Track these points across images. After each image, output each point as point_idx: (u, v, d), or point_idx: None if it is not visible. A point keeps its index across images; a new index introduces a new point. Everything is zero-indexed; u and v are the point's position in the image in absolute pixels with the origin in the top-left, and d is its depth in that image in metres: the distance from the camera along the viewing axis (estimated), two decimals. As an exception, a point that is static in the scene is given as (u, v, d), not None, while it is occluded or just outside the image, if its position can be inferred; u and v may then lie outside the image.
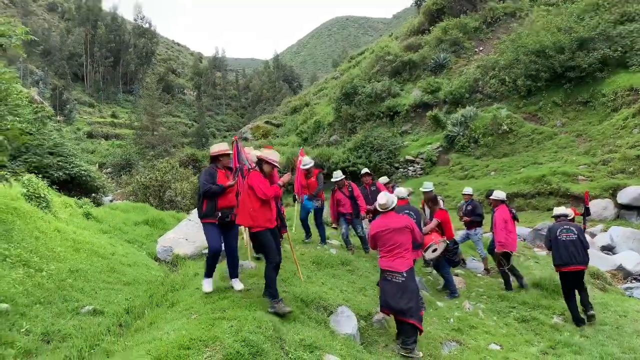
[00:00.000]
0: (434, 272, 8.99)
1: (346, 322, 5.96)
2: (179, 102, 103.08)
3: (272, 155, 5.79)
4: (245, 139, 40.74)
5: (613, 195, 18.14)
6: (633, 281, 13.13)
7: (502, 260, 8.49)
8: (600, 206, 17.98)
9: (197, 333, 4.41)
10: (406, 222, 6.06)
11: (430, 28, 36.90)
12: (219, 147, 6.04)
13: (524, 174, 21.49)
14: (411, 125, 31.10)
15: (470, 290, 8.61)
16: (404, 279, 5.81)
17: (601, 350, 6.45)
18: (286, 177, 5.95)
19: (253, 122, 54.63)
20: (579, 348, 6.58)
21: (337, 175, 9.44)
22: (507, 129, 24.84)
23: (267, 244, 5.58)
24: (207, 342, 4.25)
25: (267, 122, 47.38)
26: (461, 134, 26.21)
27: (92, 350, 5.44)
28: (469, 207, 10.38)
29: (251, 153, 6.88)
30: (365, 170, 10.56)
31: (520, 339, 6.91)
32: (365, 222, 9.90)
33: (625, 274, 13.30)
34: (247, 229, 6.57)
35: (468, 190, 10.81)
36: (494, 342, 6.60)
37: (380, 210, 6.24)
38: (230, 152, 6.12)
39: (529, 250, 12.99)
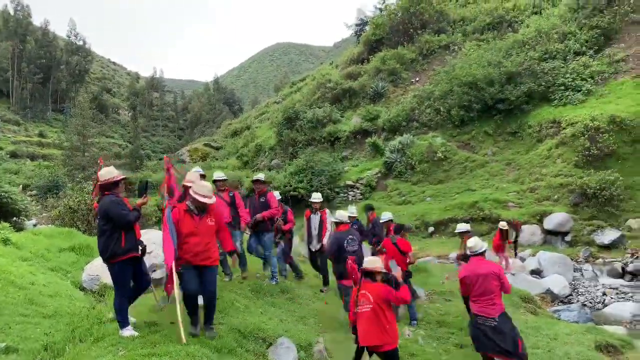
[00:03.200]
0: None
1: (285, 354, 5.74)
2: (113, 123, 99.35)
3: (201, 189, 5.37)
4: (183, 162, 39.70)
5: (540, 221, 19.12)
6: (560, 304, 13.76)
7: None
8: (528, 232, 18.87)
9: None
10: (493, 269, 5.92)
11: (370, 57, 38.05)
12: (112, 172, 5.34)
13: (458, 200, 22.26)
14: (351, 151, 31.57)
15: (409, 317, 8.61)
16: (496, 322, 5.71)
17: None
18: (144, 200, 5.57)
19: (191, 144, 53.50)
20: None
21: (216, 176, 8.33)
22: (442, 157, 25.75)
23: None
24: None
25: (206, 145, 46.55)
26: (399, 160, 26.88)
27: (2, 394, 4.87)
28: (355, 226, 9.84)
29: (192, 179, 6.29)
30: (258, 176, 9.09)
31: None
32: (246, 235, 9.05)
33: (552, 297, 13.91)
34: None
35: (387, 215, 10.54)
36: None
37: (470, 254, 6.14)
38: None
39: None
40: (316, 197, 9.41)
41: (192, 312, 5.39)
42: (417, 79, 34.53)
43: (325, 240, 8.99)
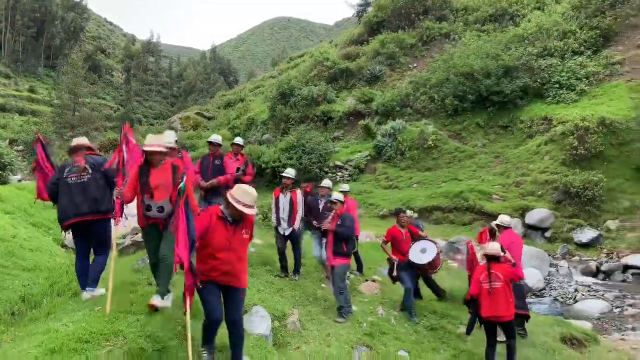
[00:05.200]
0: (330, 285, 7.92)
1: (260, 322, 5.87)
2: (106, 84, 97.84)
3: (243, 196, 4.34)
4: (174, 129, 39.41)
5: (522, 216, 19.43)
6: (532, 297, 14.11)
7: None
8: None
9: (98, 326, 4.14)
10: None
11: (369, 39, 37.76)
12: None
13: (444, 189, 22.48)
14: (343, 132, 31.57)
15: (385, 296, 8.82)
16: None
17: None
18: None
19: (184, 112, 53.00)
20: (480, 358, 6.93)
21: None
22: (432, 145, 25.87)
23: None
24: (108, 335, 4.01)
25: (198, 114, 46.16)
26: (389, 145, 26.96)
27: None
28: (329, 205, 8.89)
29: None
30: (213, 138, 8.30)
31: (427, 346, 7.15)
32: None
33: (526, 290, 14.23)
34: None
35: (327, 183, 9.54)
36: (403, 349, 6.78)
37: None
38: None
39: (444, 261, 13.53)
40: (289, 172, 8.38)
41: (209, 340, 4.52)
42: (415, 65, 34.42)
43: (297, 225, 8.15)
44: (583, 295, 14.37)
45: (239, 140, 8.94)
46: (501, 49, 27.70)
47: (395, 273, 8.19)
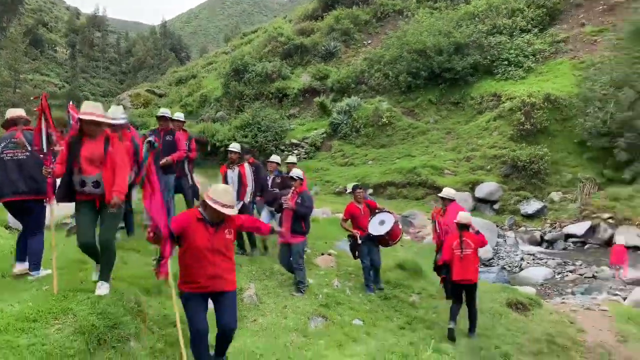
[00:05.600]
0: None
1: (215, 297, 5.87)
2: (49, 60, 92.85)
3: (222, 195, 4.10)
4: (124, 107, 38.08)
5: (472, 190, 20.09)
6: (481, 266, 14.72)
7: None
8: (461, 198, 19.67)
9: (46, 305, 4.03)
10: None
11: (324, 15, 37.43)
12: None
13: (398, 165, 22.89)
14: (299, 109, 31.43)
15: (340, 269, 8.98)
16: None
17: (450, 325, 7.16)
18: None
19: (133, 89, 51.10)
20: (431, 323, 7.23)
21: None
22: (387, 122, 26.18)
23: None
24: (57, 314, 3.91)
25: (148, 91, 44.62)
26: (345, 122, 27.09)
27: None
28: (278, 180, 8.92)
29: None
30: (163, 111, 8.04)
31: (381, 315, 7.37)
32: None
33: (476, 260, 14.83)
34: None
35: (275, 158, 9.44)
36: (358, 318, 6.96)
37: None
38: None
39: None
40: (234, 146, 8.19)
41: (203, 356, 4.20)
42: (370, 41, 34.49)
43: (247, 198, 7.98)
44: (528, 263, 15.13)
45: (179, 115, 8.57)
46: (453, 27, 28.12)
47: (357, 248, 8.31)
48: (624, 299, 10.88)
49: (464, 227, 6.94)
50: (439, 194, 8.30)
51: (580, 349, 7.03)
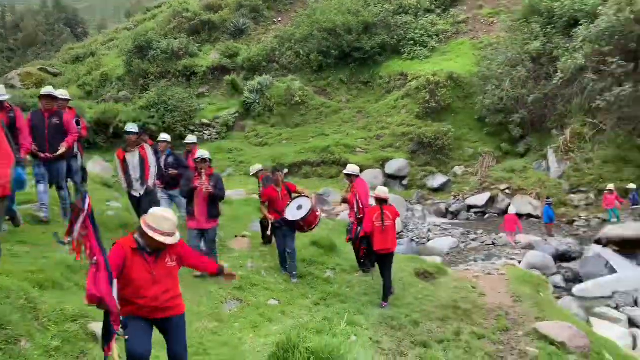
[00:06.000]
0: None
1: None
2: None
3: (160, 222, 3.61)
4: (12, 87, 34.66)
5: (382, 166, 20.78)
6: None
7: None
8: (372, 175, 20.35)
9: None
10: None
11: (232, -10, 36.27)
12: None
13: (312, 144, 23.06)
14: (208, 87, 30.41)
15: (255, 250, 8.88)
16: None
17: (363, 299, 7.37)
18: None
19: (24, 67, 46.61)
20: (345, 298, 7.38)
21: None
22: (300, 101, 26.16)
23: None
24: None
25: (41, 69, 40.85)
26: (257, 101, 26.68)
27: None
28: (170, 160, 8.49)
29: None
30: (47, 90, 7.10)
31: (297, 293, 7.40)
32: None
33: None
34: None
35: (165, 136, 8.85)
36: (273, 298, 6.94)
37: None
38: None
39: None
40: (132, 127, 7.50)
41: None
42: (280, 19, 34.02)
43: (151, 181, 7.40)
44: (435, 234, 15.97)
45: (63, 93, 7.57)
46: (361, 5, 28.50)
47: (269, 232, 8.18)
48: (519, 262, 11.85)
49: (383, 201, 7.33)
50: (344, 171, 8.49)
51: (481, 312, 7.53)
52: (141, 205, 7.29)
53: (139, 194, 7.36)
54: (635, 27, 17.23)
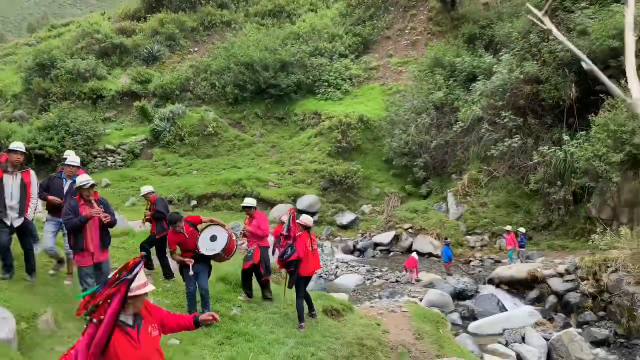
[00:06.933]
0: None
1: (0, 326, 4.98)
2: None
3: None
4: None
5: (294, 201, 20.90)
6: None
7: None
8: (283, 210, 20.37)
9: None
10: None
11: (147, 16, 35.53)
12: None
13: (224, 176, 22.71)
14: (116, 112, 29.13)
15: (157, 285, 8.41)
16: None
17: (269, 337, 7.20)
18: None
19: None
20: (251, 336, 7.17)
21: None
22: (213, 132, 25.83)
23: None
24: None
25: None
26: (168, 129, 25.94)
27: None
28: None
29: None
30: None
31: (200, 331, 7.03)
32: None
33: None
34: None
35: (74, 160, 7.31)
36: (174, 337, 6.57)
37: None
38: None
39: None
40: (18, 145, 6.56)
41: None
42: (196, 49, 33.75)
43: (30, 214, 6.61)
44: (342, 271, 16.20)
45: None
46: (279, 44, 29.14)
47: (192, 272, 7.17)
48: (421, 300, 12.32)
49: (307, 228, 7.89)
50: (242, 204, 8.74)
51: (384, 349, 7.68)
52: (20, 238, 6.56)
53: (13, 223, 6.44)
54: (524, 86, 19.22)
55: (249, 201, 8.60)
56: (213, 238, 7.22)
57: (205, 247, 7.11)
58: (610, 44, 16.61)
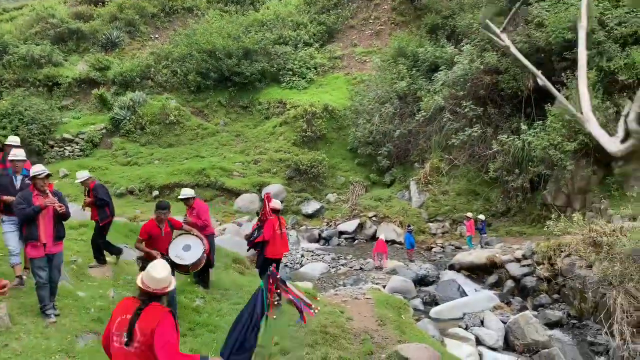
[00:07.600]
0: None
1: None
2: None
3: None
4: None
5: (259, 191, 20.80)
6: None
7: None
8: (248, 200, 20.34)
9: None
10: None
11: (105, 1, 34.34)
12: None
13: (187, 166, 22.36)
14: (73, 100, 28.16)
15: (118, 278, 8.28)
16: None
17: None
18: None
19: None
20: (214, 327, 7.16)
21: None
22: (175, 120, 25.36)
23: None
24: None
25: None
26: (128, 118, 25.31)
27: None
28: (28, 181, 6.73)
29: None
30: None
31: (163, 323, 7.00)
32: None
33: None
34: None
35: (20, 153, 6.77)
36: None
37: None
38: None
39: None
40: (13, 140, 6.89)
41: None
42: (157, 36, 32.89)
43: None
44: (308, 259, 16.30)
45: None
46: (242, 32, 28.71)
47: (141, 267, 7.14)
48: (384, 286, 12.54)
49: (277, 211, 8.28)
50: (179, 196, 8.53)
51: (348, 336, 7.79)
52: None
53: None
54: (484, 77, 19.64)
55: (187, 192, 8.51)
56: (187, 247, 6.91)
57: (176, 253, 6.79)
58: (565, 36, 17.12)
